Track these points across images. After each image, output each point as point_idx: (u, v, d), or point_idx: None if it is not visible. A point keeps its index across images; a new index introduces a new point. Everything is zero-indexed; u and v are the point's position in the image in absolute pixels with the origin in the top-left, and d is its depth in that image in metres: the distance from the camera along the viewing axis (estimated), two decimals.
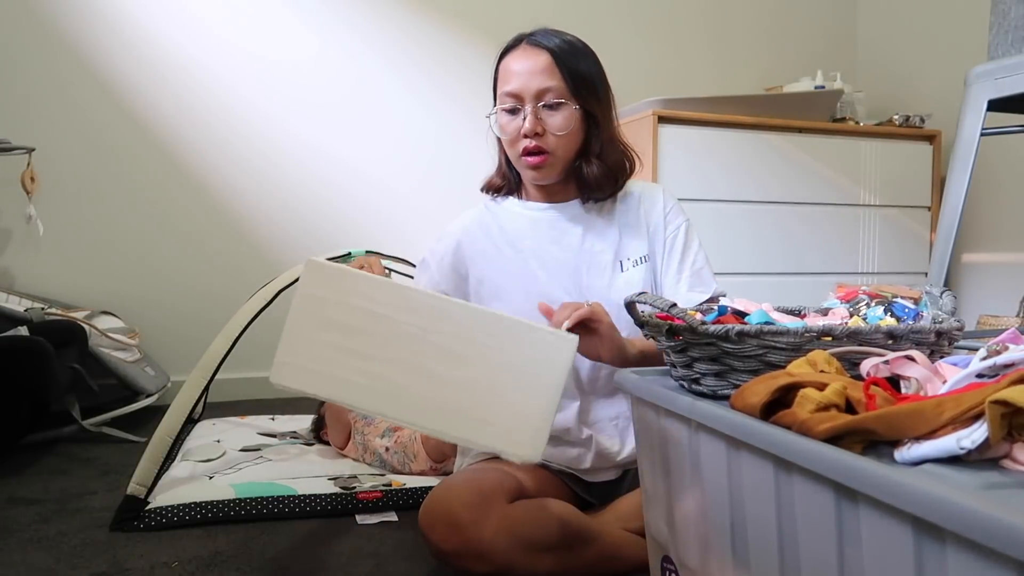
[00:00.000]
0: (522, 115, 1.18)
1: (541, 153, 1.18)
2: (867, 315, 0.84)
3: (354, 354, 0.77)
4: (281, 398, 2.47)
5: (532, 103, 1.17)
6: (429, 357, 0.77)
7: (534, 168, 1.20)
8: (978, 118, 1.62)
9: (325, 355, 0.78)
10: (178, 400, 1.42)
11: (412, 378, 0.77)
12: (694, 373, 0.81)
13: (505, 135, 1.21)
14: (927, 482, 0.48)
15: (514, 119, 1.19)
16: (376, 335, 0.77)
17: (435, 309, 0.77)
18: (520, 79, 1.17)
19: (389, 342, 0.77)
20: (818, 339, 0.74)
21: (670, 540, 0.89)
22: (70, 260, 2.43)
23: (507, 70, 1.20)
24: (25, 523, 1.38)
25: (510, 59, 1.20)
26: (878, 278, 2.78)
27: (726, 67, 3.15)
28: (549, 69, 1.17)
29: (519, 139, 1.19)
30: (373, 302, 0.77)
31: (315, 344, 0.78)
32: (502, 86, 1.20)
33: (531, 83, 1.17)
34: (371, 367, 0.77)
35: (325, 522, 1.40)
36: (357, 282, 0.78)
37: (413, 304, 0.77)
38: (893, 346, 0.73)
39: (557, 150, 1.19)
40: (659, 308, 0.82)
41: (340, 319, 0.77)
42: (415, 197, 2.77)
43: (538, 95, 1.17)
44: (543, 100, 1.17)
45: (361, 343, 0.77)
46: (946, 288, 0.86)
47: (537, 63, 1.18)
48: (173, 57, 2.51)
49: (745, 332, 0.75)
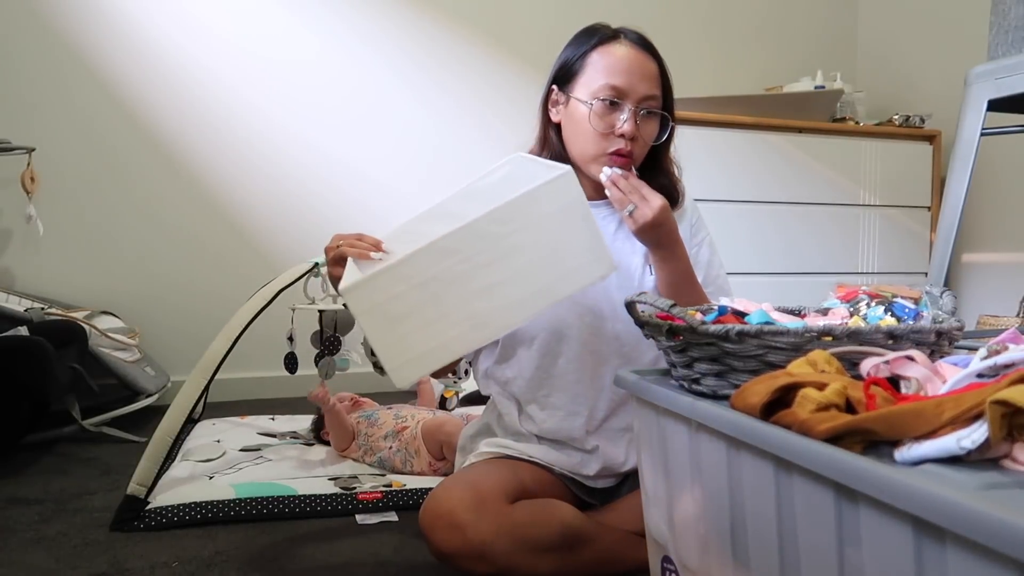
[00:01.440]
0: (620, 113, 1.15)
1: (626, 156, 1.16)
2: (867, 315, 0.84)
3: (433, 322, 0.84)
4: (281, 398, 2.47)
5: (633, 105, 1.15)
6: (486, 277, 0.83)
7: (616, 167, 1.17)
8: (978, 118, 1.62)
9: (414, 340, 0.84)
10: (178, 400, 1.42)
11: (483, 300, 0.84)
12: (694, 373, 0.81)
13: (600, 126, 1.15)
14: (927, 482, 0.48)
15: (611, 113, 1.15)
16: (435, 297, 0.83)
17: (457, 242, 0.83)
18: (630, 78, 1.15)
19: (449, 293, 0.83)
20: (818, 339, 0.74)
21: (670, 540, 0.89)
22: (70, 260, 2.43)
23: (614, 63, 1.16)
24: (25, 523, 1.38)
25: (617, 52, 1.16)
26: (878, 278, 2.78)
27: (726, 67, 3.15)
28: (656, 78, 1.18)
29: (611, 136, 1.15)
30: (410, 279, 0.83)
31: (401, 339, 0.84)
32: (605, 76, 1.15)
33: (640, 86, 1.15)
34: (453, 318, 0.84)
35: (325, 522, 1.40)
36: (386, 278, 0.83)
37: (438, 255, 0.83)
38: (893, 346, 0.73)
39: (639, 157, 1.19)
40: (659, 308, 0.82)
41: (399, 310, 0.83)
42: (416, 197, 2.75)
43: (642, 99, 1.15)
44: (643, 106, 1.16)
45: (430, 312, 0.84)
46: (946, 288, 0.86)
47: (648, 68, 1.17)
48: (173, 57, 2.51)
49: (745, 332, 0.75)
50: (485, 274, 0.84)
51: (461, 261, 0.83)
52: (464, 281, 0.84)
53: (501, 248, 0.84)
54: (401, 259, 0.84)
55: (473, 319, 0.85)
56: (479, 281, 0.84)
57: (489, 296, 0.84)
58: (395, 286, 0.83)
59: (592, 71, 1.17)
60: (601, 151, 1.16)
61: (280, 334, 1.75)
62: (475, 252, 0.83)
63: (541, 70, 1.29)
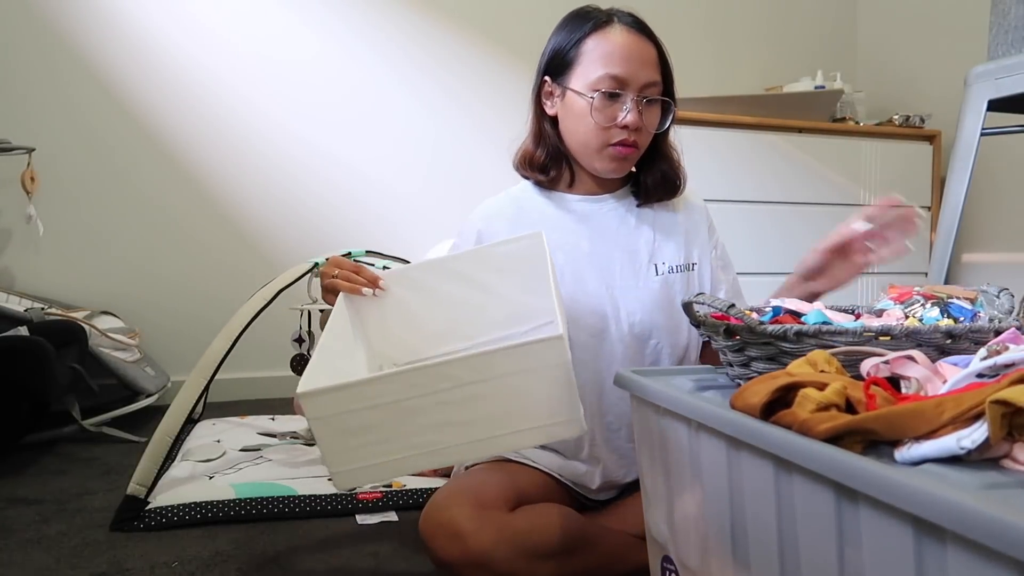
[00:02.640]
0: (622, 103, 1.10)
1: (631, 147, 1.13)
2: (923, 316, 0.83)
3: (385, 441, 0.82)
4: (281, 398, 2.47)
5: (634, 94, 1.10)
6: (447, 412, 0.81)
7: (621, 159, 1.14)
8: (978, 118, 1.62)
9: (363, 453, 0.83)
10: (178, 400, 1.42)
11: (442, 434, 0.82)
12: (752, 372, 0.82)
13: (602, 120, 1.10)
14: (927, 482, 0.48)
15: (612, 105, 1.10)
16: (393, 421, 0.81)
17: (427, 376, 0.81)
18: (630, 66, 1.09)
19: (408, 420, 0.81)
20: (876, 339, 0.73)
21: (670, 540, 0.89)
22: (70, 260, 2.43)
23: (612, 51, 1.10)
24: (25, 523, 1.38)
25: (615, 38, 1.11)
26: (878, 278, 2.78)
27: (726, 67, 3.15)
28: (655, 62, 1.12)
29: (613, 128, 1.11)
30: (371, 400, 0.81)
31: (349, 450, 0.83)
32: (604, 66, 1.09)
33: (640, 73, 1.10)
34: (405, 442, 0.82)
35: (325, 522, 1.40)
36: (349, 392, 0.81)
37: (405, 385, 0.81)
38: (894, 345, 0.73)
39: (643, 146, 1.15)
40: (717, 308, 0.83)
41: (353, 424, 0.82)
42: (415, 197, 2.77)
43: (643, 87, 1.11)
44: (645, 94, 1.11)
45: (385, 433, 0.82)
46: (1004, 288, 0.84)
47: (647, 52, 1.11)
48: (173, 57, 2.51)
49: (803, 332, 0.75)
50: (450, 411, 0.81)
51: (427, 395, 0.80)
52: (426, 413, 0.81)
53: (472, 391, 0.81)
54: (366, 379, 0.83)
55: (428, 448, 0.82)
56: (443, 416, 0.81)
57: (451, 431, 0.82)
58: (354, 403, 0.81)
59: (588, 61, 1.11)
60: (603, 143, 1.12)
61: (280, 334, 1.75)
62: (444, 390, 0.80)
63: None
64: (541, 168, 1.20)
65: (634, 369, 0.95)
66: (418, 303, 1.15)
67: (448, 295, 1.15)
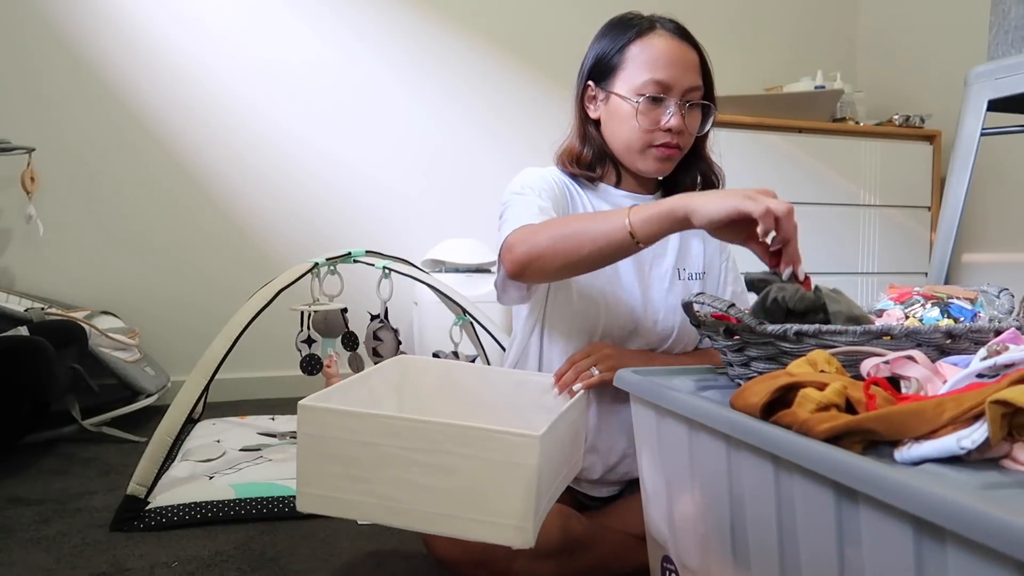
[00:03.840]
0: (665, 107, 1.13)
1: (674, 148, 1.15)
2: (923, 316, 0.83)
3: (354, 478, 0.88)
4: (281, 398, 2.47)
5: (678, 98, 1.13)
6: (414, 472, 0.86)
7: (665, 159, 1.16)
8: (978, 118, 1.62)
9: (332, 482, 0.89)
10: (178, 400, 1.42)
11: (404, 492, 0.87)
12: (752, 372, 0.82)
13: (646, 123, 1.13)
14: (927, 482, 0.48)
15: (656, 108, 1.13)
16: (367, 460, 0.87)
17: (409, 430, 0.86)
18: (674, 71, 1.12)
19: (378, 465, 0.87)
20: (877, 339, 0.73)
21: (670, 540, 0.89)
22: (70, 260, 2.43)
23: (656, 56, 1.13)
24: (25, 523, 1.38)
25: (658, 45, 1.14)
26: (878, 278, 2.78)
27: (726, 67, 3.14)
28: (697, 67, 1.15)
29: (657, 131, 1.13)
30: (357, 433, 0.87)
31: (320, 474, 0.90)
32: (649, 71, 1.12)
33: (684, 79, 1.13)
34: (370, 487, 0.88)
35: (325, 522, 1.40)
36: (342, 419, 0.88)
37: (390, 429, 0.86)
38: (894, 345, 0.73)
39: (685, 148, 1.17)
40: (717, 308, 0.83)
41: (335, 451, 0.88)
42: (415, 197, 2.77)
43: (686, 92, 1.14)
44: (688, 98, 1.14)
45: (357, 469, 0.88)
46: (1004, 288, 0.84)
47: (690, 58, 1.14)
48: (173, 57, 2.51)
49: (803, 332, 0.75)
50: (417, 472, 0.86)
51: (404, 448, 0.86)
52: (397, 465, 0.86)
53: (441, 460, 0.85)
54: (357, 412, 0.88)
55: (388, 502, 0.87)
56: (409, 474, 0.86)
57: (411, 493, 0.86)
58: (343, 431, 0.87)
59: (633, 66, 1.14)
60: (647, 144, 1.15)
61: (280, 334, 1.75)
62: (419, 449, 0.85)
63: (542, 70, 1.28)
64: (588, 166, 1.23)
65: (634, 369, 0.95)
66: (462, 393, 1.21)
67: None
